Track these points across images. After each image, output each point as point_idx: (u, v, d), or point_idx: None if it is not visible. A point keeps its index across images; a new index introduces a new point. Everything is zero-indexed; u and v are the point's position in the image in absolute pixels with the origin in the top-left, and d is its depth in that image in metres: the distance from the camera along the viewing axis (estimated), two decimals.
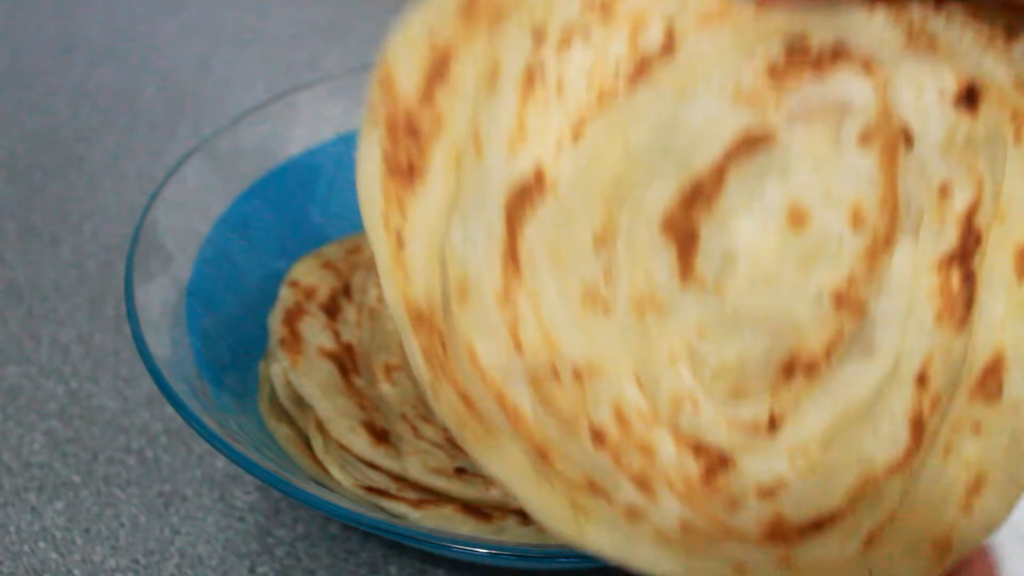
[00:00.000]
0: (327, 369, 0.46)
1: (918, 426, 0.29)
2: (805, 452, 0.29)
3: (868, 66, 0.29)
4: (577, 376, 0.28)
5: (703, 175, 0.29)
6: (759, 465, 0.28)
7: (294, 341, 0.47)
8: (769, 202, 0.29)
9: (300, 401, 0.45)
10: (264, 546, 0.44)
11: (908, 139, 0.29)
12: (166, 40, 0.80)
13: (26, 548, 0.44)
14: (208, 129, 0.62)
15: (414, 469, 0.42)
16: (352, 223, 0.53)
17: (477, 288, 0.28)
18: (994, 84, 0.29)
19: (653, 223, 0.29)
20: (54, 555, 0.43)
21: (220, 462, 0.47)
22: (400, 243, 0.29)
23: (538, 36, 0.28)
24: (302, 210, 0.53)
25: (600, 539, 0.28)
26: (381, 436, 0.44)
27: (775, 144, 0.29)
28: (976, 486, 0.29)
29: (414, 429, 0.44)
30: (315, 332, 0.47)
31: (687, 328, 0.29)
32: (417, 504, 0.41)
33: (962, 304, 0.29)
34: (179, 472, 0.47)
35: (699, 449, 0.28)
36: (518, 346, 0.28)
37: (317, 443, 0.44)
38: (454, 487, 0.42)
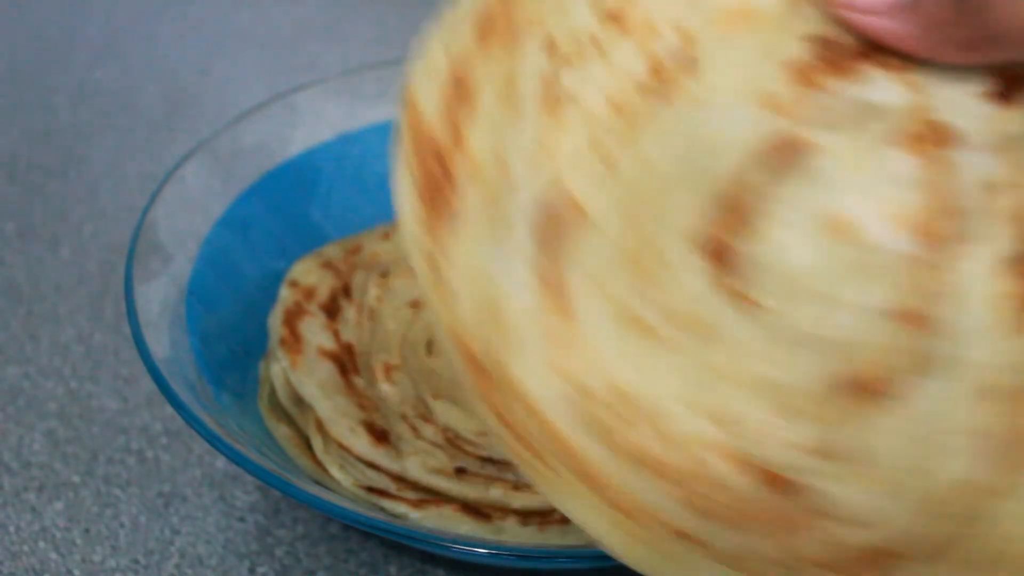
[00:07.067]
0: (327, 369, 0.46)
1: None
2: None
3: (898, 67, 0.26)
4: (645, 418, 0.26)
5: (730, 187, 0.26)
6: (837, 490, 0.25)
7: (294, 341, 0.47)
8: (807, 214, 0.26)
9: (300, 401, 0.45)
10: (264, 546, 0.44)
11: (952, 138, 0.26)
12: (166, 40, 0.80)
13: (26, 548, 0.44)
14: (208, 129, 0.62)
15: (414, 469, 0.42)
16: (352, 223, 0.53)
17: (518, 330, 0.27)
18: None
19: (682, 239, 0.26)
20: (54, 555, 0.43)
21: (220, 462, 0.47)
22: (437, 272, 0.28)
23: (551, 50, 0.27)
24: (302, 210, 0.53)
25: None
26: (381, 436, 0.44)
27: (807, 151, 0.26)
28: None
29: (414, 429, 0.44)
30: (315, 332, 0.47)
31: (744, 352, 0.26)
32: (417, 504, 0.41)
33: None
34: (179, 472, 0.47)
35: (779, 482, 0.26)
36: (582, 390, 0.26)
37: (317, 443, 0.44)
38: (454, 487, 0.42)
